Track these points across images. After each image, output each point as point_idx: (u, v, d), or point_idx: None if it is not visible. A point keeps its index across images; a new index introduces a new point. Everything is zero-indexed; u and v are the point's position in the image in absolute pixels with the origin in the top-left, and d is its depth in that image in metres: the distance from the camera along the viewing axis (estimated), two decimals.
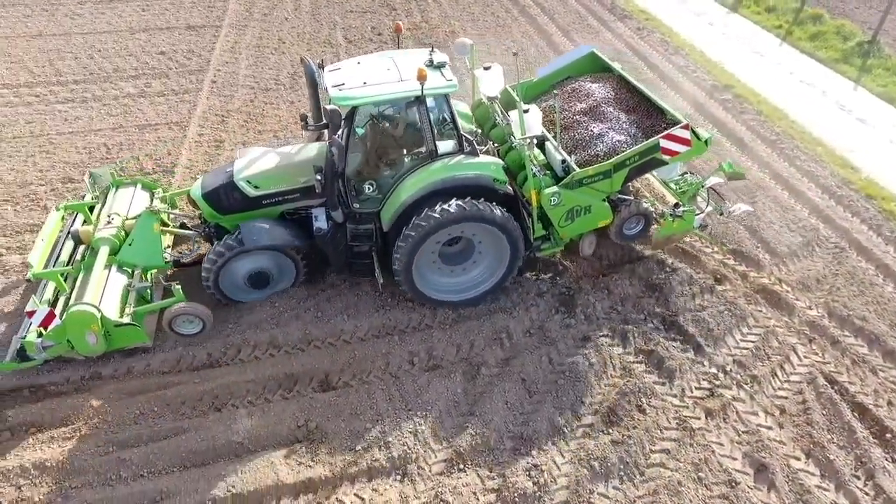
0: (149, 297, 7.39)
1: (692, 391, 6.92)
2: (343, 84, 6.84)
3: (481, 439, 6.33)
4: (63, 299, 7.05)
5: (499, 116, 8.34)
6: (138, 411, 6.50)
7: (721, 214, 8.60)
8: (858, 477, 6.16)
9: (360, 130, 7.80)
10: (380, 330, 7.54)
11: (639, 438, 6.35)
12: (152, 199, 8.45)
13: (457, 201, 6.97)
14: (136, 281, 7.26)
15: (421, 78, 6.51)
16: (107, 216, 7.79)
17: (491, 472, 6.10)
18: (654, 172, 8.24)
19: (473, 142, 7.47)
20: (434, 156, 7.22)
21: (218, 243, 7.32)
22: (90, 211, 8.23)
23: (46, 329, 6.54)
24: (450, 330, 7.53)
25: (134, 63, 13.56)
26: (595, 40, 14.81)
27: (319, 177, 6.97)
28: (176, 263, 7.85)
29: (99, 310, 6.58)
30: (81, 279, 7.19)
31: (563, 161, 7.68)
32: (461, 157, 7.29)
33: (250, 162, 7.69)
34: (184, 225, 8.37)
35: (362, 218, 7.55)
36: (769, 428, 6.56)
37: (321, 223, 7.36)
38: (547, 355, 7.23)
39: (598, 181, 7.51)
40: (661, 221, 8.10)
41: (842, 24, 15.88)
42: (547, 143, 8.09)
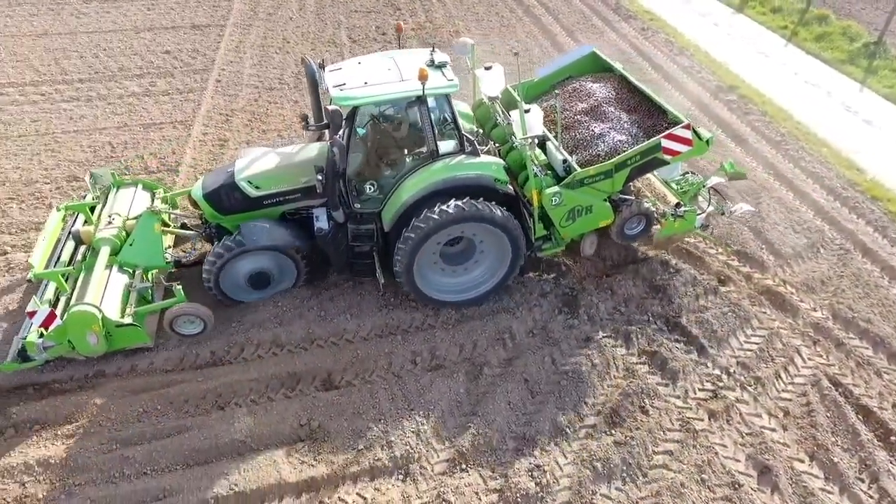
0: (150, 298, 7.39)
1: (695, 392, 6.90)
2: (344, 84, 6.84)
3: (484, 439, 6.33)
4: (64, 300, 7.07)
5: (500, 116, 8.33)
6: (142, 409, 6.53)
7: (723, 214, 8.58)
8: (863, 480, 6.13)
9: (361, 130, 7.80)
10: (383, 329, 7.55)
11: (641, 440, 6.33)
12: (153, 200, 8.46)
13: (455, 202, 6.95)
14: (137, 281, 7.26)
15: (422, 78, 6.50)
16: (108, 216, 7.80)
17: (493, 473, 6.09)
18: (656, 172, 8.22)
19: (474, 142, 7.47)
20: (435, 156, 7.21)
21: (218, 243, 7.33)
22: (91, 211, 8.24)
23: (47, 329, 6.54)
24: (453, 330, 7.52)
25: (139, 62, 13.61)
26: (599, 41, 14.79)
27: (320, 177, 6.97)
28: (177, 264, 7.86)
29: (100, 310, 6.59)
30: (82, 279, 7.20)
31: (565, 161, 7.67)
32: (462, 158, 7.28)
33: (251, 162, 7.69)
34: (185, 225, 8.38)
35: (363, 218, 7.56)
36: (773, 430, 6.53)
37: (322, 223, 7.36)
38: (550, 356, 7.22)
39: (600, 181, 7.50)
40: (663, 221, 8.08)
41: (848, 25, 15.81)
42: (548, 143, 8.08)
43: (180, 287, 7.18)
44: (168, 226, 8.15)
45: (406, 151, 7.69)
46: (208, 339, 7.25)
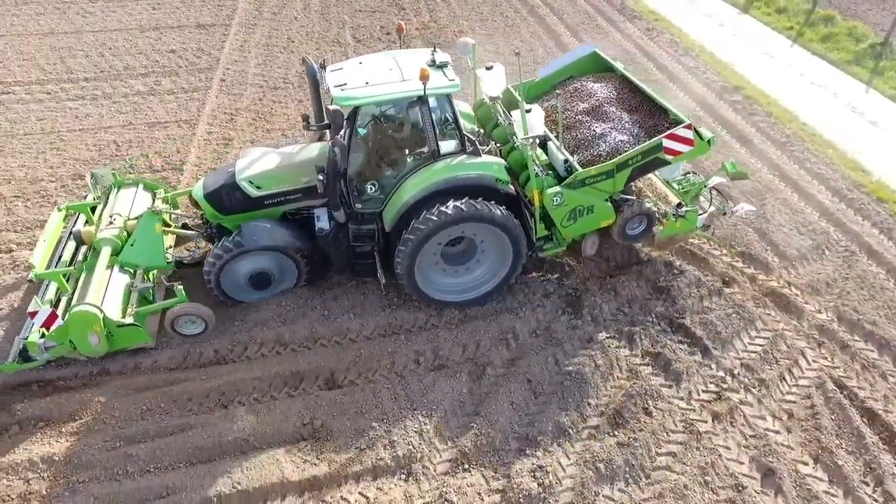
0: (151, 298, 7.39)
1: (699, 394, 6.88)
2: (345, 84, 6.84)
3: (486, 440, 6.33)
4: (65, 300, 7.08)
5: (501, 116, 8.32)
6: (145, 407, 6.54)
7: (724, 214, 8.55)
8: (867, 483, 6.10)
9: (363, 130, 7.80)
10: (386, 329, 7.55)
11: (645, 441, 6.32)
12: (154, 200, 8.47)
13: (454, 202, 6.93)
14: (138, 281, 7.26)
15: (423, 78, 6.49)
16: (109, 216, 7.81)
17: (496, 473, 6.09)
18: (657, 172, 8.20)
19: (476, 142, 7.46)
20: (436, 156, 7.21)
21: (219, 244, 7.33)
22: (92, 211, 8.25)
23: (49, 329, 6.55)
24: (456, 330, 7.52)
25: (144, 61, 13.65)
26: (604, 41, 14.76)
27: (322, 177, 6.96)
28: (178, 264, 7.87)
29: (101, 310, 6.59)
30: (83, 280, 7.21)
31: (566, 161, 7.66)
32: (463, 158, 7.28)
33: (252, 162, 7.69)
34: (186, 225, 8.40)
35: (364, 218, 7.55)
36: (777, 432, 6.51)
37: (323, 223, 7.37)
38: (553, 356, 7.21)
39: (601, 181, 7.49)
40: (664, 221, 8.06)
41: (854, 26, 15.73)
42: (549, 143, 8.07)
43: (181, 287, 7.19)
44: (169, 226, 8.15)
45: (407, 151, 7.69)
46: (212, 338, 7.26)
